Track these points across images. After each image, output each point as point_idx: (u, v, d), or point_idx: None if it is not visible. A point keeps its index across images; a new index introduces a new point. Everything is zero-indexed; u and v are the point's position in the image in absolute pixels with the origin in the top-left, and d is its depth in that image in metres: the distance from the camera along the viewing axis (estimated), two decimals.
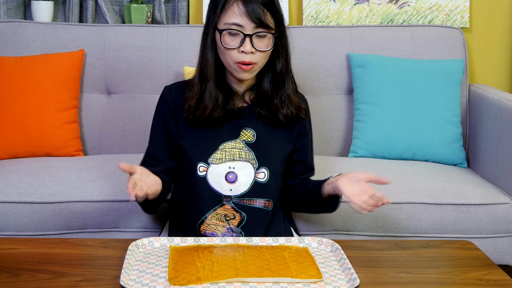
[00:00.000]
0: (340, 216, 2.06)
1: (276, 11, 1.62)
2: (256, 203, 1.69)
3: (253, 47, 1.59)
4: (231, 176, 1.67)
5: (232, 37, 1.60)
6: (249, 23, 1.58)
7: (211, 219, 1.67)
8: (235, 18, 1.58)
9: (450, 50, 2.63)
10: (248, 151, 1.69)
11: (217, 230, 1.67)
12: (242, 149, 1.69)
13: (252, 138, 1.70)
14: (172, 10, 2.85)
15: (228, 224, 1.67)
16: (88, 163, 2.24)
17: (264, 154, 1.69)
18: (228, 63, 1.64)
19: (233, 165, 1.67)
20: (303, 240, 1.55)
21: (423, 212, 2.05)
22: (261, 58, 1.63)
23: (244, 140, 1.70)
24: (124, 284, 1.28)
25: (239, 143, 1.69)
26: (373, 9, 2.84)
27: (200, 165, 1.67)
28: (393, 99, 2.44)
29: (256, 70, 1.65)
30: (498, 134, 2.23)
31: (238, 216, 1.67)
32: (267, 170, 1.69)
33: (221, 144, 1.68)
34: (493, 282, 1.36)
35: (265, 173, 1.69)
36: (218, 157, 1.67)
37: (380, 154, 2.43)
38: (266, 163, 1.69)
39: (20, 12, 2.79)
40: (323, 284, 1.32)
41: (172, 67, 2.57)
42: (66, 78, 2.45)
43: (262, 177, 1.69)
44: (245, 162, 1.68)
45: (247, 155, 1.68)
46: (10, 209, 1.99)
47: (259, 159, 1.69)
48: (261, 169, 1.69)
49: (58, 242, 1.56)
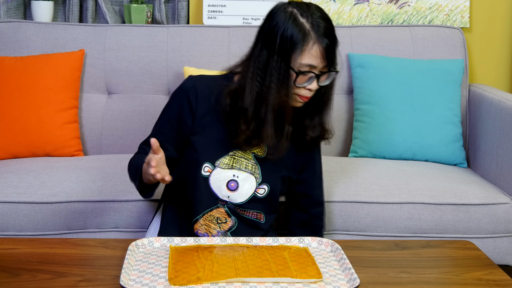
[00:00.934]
0: (340, 216, 2.06)
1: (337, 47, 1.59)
2: (249, 214, 1.69)
3: (318, 84, 1.58)
4: (233, 184, 1.66)
5: (303, 76, 1.56)
6: (323, 64, 1.56)
7: (204, 219, 1.67)
8: (312, 60, 1.54)
9: (450, 50, 2.63)
10: (255, 164, 1.68)
11: (209, 231, 1.67)
12: (250, 160, 1.68)
13: (263, 153, 1.69)
14: (172, 10, 2.85)
15: (219, 227, 1.67)
16: (88, 163, 2.24)
17: (269, 171, 1.69)
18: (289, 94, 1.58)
19: (238, 174, 1.67)
20: (303, 240, 1.55)
21: (423, 212, 2.05)
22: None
23: (254, 153, 1.69)
24: (124, 284, 1.28)
25: (249, 154, 1.68)
26: (373, 9, 2.84)
27: (206, 165, 1.66)
28: (393, 99, 2.44)
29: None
30: (498, 134, 2.23)
31: (230, 221, 1.68)
32: (268, 187, 1.69)
33: (232, 150, 1.67)
34: (493, 282, 1.36)
35: (265, 189, 1.69)
36: (226, 162, 1.66)
37: (380, 154, 2.43)
38: (269, 180, 1.69)
39: (20, 12, 2.79)
40: (323, 284, 1.32)
41: (172, 67, 2.57)
42: (66, 78, 2.45)
43: (262, 192, 1.69)
44: (249, 174, 1.67)
45: (253, 168, 1.68)
46: (10, 209, 1.99)
47: (263, 174, 1.68)
48: (262, 185, 1.68)
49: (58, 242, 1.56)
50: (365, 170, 2.21)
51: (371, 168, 2.23)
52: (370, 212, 2.06)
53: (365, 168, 2.22)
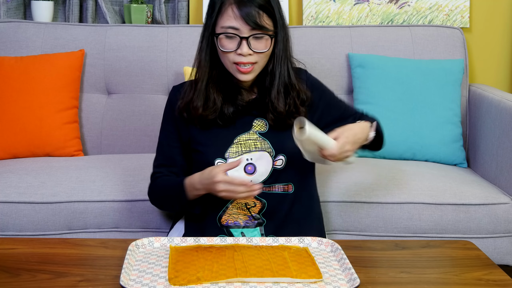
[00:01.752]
0: (340, 216, 2.06)
1: (273, 12, 1.62)
2: (275, 189, 1.70)
3: (251, 49, 1.60)
4: (250, 167, 1.68)
5: (229, 40, 1.61)
6: (244, 26, 1.59)
7: (231, 209, 1.69)
8: (231, 22, 1.59)
9: (450, 50, 2.63)
10: (263, 140, 1.70)
11: (238, 219, 1.69)
12: (256, 139, 1.70)
13: (265, 127, 1.71)
14: (172, 10, 2.85)
15: (249, 212, 1.69)
16: (88, 163, 2.24)
17: (279, 141, 1.70)
18: (227, 65, 1.65)
19: (250, 156, 1.68)
20: (303, 240, 1.55)
21: (423, 212, 2.05)
22: (260, 58, 1.64)
23: (257, 130, 1.71)
24: (124, 284, 1.28)
25: (253, 134, 1.71)
26: (373, 9, 2.84)
27: (218, 161, 1.68)
28: (393, 99, 2.44)
29: (256, 70, 1.66)
30: (498, 134, 2.23)
31: (259, 204, 1.69)
32: (284, 157, 1.69)
33: (235, 137, 1.70)
34: (493, 282, 1.36)
35: (282, 159, 1.70)
36: (234, 150, 1.68)
37: (380, 154, 2.43)
38: (283, 149, 1.70)
39: (20, 12, 2.79)
40: (323, 284, 1.32)
41: (172, 67, 2.57)
42: (66, 78, 2.45)
43: (280, 164, 1.69)
44: (262, 152, 1.69)
45: (263, 145, 1.69)
46: (10, 209, 1.99)
47: (275, 147, 1.70)
48: (278, 156, 1.69)
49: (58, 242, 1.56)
50: (365, 170, 2.21)
51: (371, 168, 2.23)
52: (370, 212, 2.06)
53: (365, 168, 2.22)
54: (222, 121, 1.69)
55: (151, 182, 1.76)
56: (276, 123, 1.70)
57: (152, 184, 1.75)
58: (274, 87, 1.68)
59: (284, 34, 1.67)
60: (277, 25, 1.64)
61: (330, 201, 2.05)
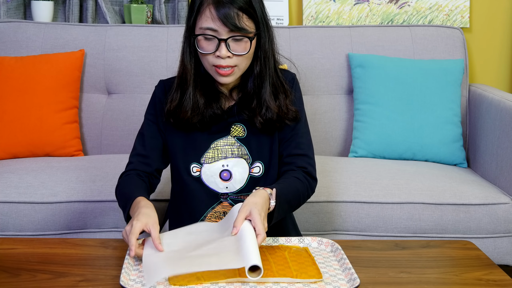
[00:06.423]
0: (340, 216, 2.06)
1: (254, 13, 1.56)
2: None
3: (229, 51, 1.55)
4: (225, 174, 1.65)
5: (207, 42, 1.56)
6: (223, 28, 1.53)
7: (210, 218, 1.67)
8: (208, 23, 1.54)
9: (450, 50, 2.63)
10: (240, 146, 1.67)
11: None
12: (233, 145, 1.67)
13: (243, 133, 1.67)
14: (172, 10, 2.85)
15: None
16: (88, 163, 2.24)
17: (257, 148, 1.67)
18: (207, 67, 1.61)
19: (226, 162, 1.66)
20: (303, 240, 1.55)
21: (423, 212, 2.05)
22: (241, 61, 1.58)
23: (235, 136, 1.67)
24: (124, 284, 1.28)
25: (230, 139, 1.67)
26: (373, 9, 2.84)
27: (193, 166, 1.66)
28: (393, 99, 2.44)
29: (237, 73, 1.60)
30: (498, 134, 2.23)
31: None
32: (261, 164, 1.67)
33: (213, 142, 1.67)
34: (493, 282, 1.36)
35: (260, 167, 1.67)
36: (210, 156, 1.66)
37: (380, 154, 2.43)
38: (260, 157, 1.67)
39: (20, 12, 2.79)
40: (323, 284, 1.32)
41: (172, 67, 2.57)
42: (66, 78, 2.45)
43: (257, 171, 1.67)
44: (238, 159, 1.66)
45: (240, 151, 1.66)
46: (10, 209, 1.99)
47: (252, 153, 1.67)
48: (255, 163, 1.67)
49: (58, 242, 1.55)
50: (365, 170, 2.21)
51: (371, 168, 2.23)
52: (370, 212, 2.06)
53: (365, 168, 2.22)
54: (200, 124, 1.64)
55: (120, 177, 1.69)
56: (265, 126, 1.64)
57: (120, 179, 1.69)
58: (265, 88, 1.63)
59: (269, 35, 1.62)
60: (259, 26, 1.58)
61: (330, 201, 2.05)
